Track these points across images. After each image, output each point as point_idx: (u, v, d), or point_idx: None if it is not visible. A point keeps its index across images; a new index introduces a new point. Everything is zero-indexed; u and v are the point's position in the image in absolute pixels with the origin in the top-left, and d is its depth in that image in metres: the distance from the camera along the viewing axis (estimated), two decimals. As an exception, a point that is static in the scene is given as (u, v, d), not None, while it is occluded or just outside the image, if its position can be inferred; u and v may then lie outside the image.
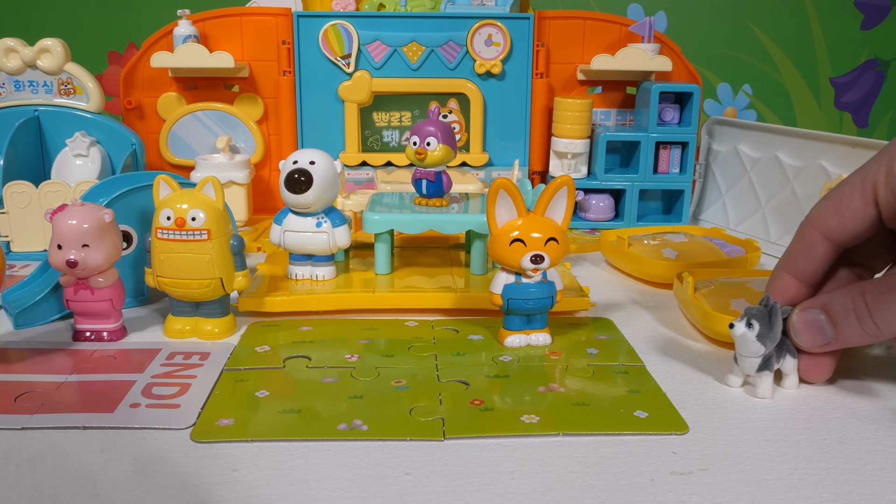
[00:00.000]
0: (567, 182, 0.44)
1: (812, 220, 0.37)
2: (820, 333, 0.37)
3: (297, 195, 0.51)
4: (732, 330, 0.39)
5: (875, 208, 0.36)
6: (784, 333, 0.40)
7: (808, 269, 0.38)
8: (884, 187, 0.35)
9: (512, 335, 0.46)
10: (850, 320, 0.36)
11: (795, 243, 0.38)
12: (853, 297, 0.36)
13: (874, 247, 0.39)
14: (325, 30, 0.74)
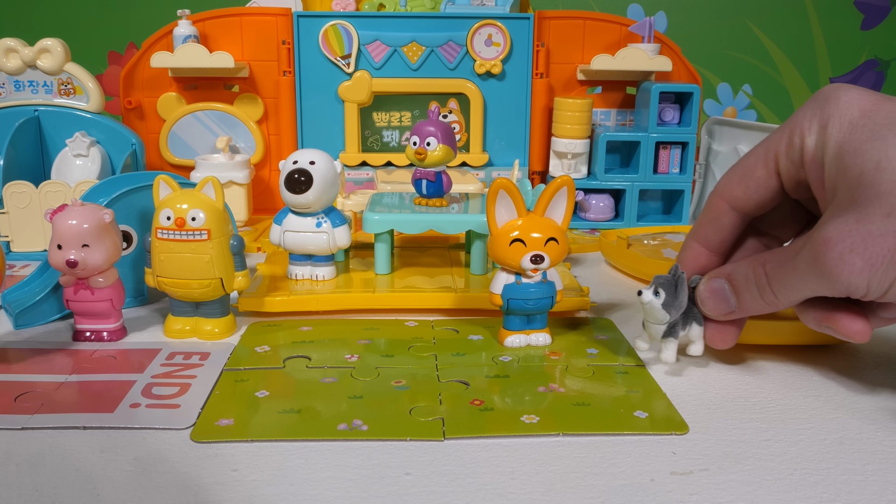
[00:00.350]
0: (567, 182, 0.44)
1: (719, 191, 0.39)
2: (724, 302, 0.39)
3: (297, 195, 0.51)
4: (640, 297, 0.41)
5: (777, 179, 0.37)
6: (692, 301, 0.41)
7: (716, 239, 0.40)
8: (784, 158, 0.36)
9: (512, 335, 0.46)
10: (752, 290, 0.37)
11: (704, 213, 0.40)
12: (754, 267, 0.37)
13: (780, 217, 0.40)
14: (325, 30, 0.74)
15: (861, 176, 0.32)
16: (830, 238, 0.33)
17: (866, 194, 0.32)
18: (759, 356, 0.46)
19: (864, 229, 0.32)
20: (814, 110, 0.35)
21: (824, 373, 0.43)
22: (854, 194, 0.33)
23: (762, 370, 0.44)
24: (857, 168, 0.32)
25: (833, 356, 0.46)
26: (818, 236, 0.33)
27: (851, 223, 0.32)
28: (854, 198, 0.32)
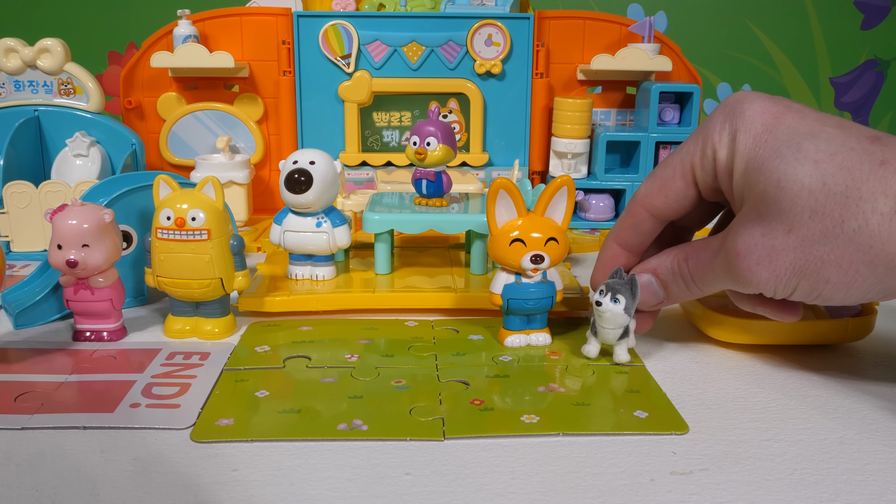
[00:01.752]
0: (567, 182, 0.44)
1: (640, 200, 0.41)
2: (653, 295, 0.41)
3: (297, 195, 0.51)
4: (600, 307, 0.42)
5: (695, 188, 0.39)
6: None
7: (635, 241, 0.42)
8: (700, 169, 0.38)
9: (512, 335, 0.46)
10: (678, 283, 0.40)
11: (625, 218, 0.42)
12: (678, 262, 0.40)
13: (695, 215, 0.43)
14: (325, 30, 0.74)
15: (764, 193, 0.34)
16: (740, 251, 0.35)
17: (769, 210, 0.34)
18: (758, 356, 0.46)
19: (769, 244, 0.34)
20: (723, 121, 0.37)
21: (824, 373, 0.43)
22: (759, 209, 0.35)
23: (762, 370, 0.44)
24: (761, 185, 0.34)
25: (833, 356, 0.46)
26: (730, 246, 0.36)
27: (757, 237, 0.35)
28: (759, 212, 0.34)
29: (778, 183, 0.33)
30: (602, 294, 0.42)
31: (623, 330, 0.43)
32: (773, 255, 0.34)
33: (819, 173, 0.33)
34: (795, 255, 0.34)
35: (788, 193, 0.33)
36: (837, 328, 0.46)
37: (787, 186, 0.33)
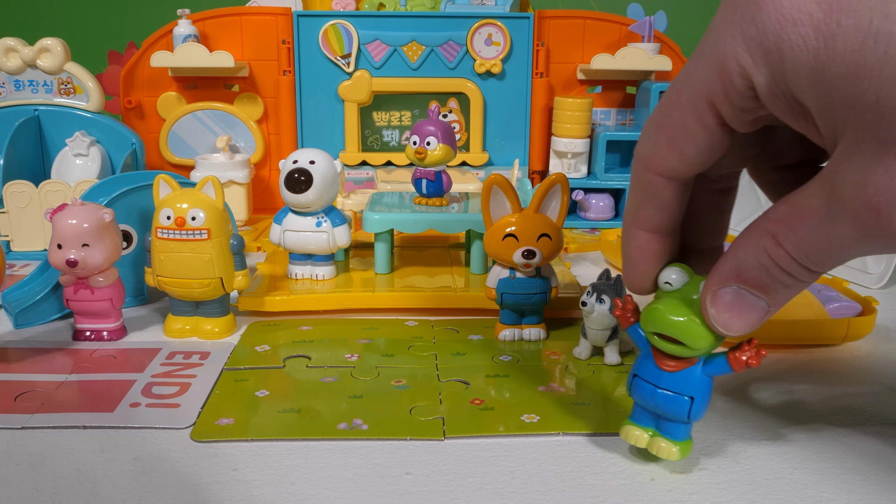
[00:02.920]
0: (560, 179, 0.44)
1: (646, 164, 0.29)
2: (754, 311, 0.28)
3: (297, 195, 0.51)
4: (585, 308, 0.42)
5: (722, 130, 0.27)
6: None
7: (662, 219, 0.30)
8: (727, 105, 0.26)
9: (506, 329, 0.47)
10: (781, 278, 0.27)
11: (637, 192, 0.30)
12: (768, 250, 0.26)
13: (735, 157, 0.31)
14: (325, 29, 0.74)
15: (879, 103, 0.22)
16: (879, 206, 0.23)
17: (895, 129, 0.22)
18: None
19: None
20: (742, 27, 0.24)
21: (825, 373, 0.43)
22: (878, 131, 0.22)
23: (762, 370, 0.44)
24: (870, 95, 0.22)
25: (833, 356, 0.46)
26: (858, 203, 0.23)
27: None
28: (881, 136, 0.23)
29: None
30: (588, 295, 0.42)
31: (611, 331, 0.43)
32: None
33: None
34: None
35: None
36: (837, 328, 0.46)
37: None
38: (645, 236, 0.30)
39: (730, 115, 0.26)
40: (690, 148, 0.27)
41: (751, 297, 0.28)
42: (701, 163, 0.28)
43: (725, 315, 0.28)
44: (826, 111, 0.23)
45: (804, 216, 0.25)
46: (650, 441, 0.33)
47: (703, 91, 0.26)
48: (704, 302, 0.29)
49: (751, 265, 0.27)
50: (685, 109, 0.27)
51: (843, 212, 0.24)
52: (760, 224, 0.27)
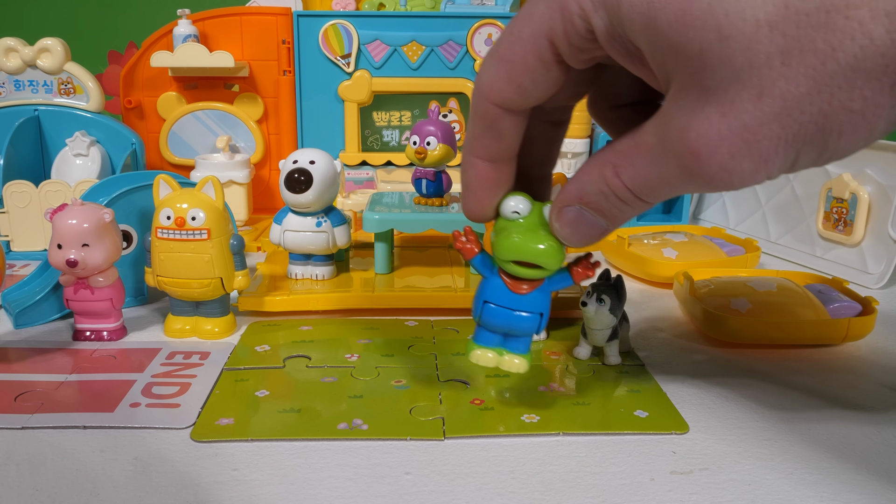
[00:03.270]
0: (560, 179, 0.44)
1: (485, 94, 0.29)
2: (593, 229, 0.30)
3: (297, 195, 0.51)
4: (585, 308, 0.42)
5: (560, 66, 0.28)
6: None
7: (500, 148, 0.31)
8: (565, 44, 0.27)
9: None
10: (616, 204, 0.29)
11: (475, 122, 0.31)
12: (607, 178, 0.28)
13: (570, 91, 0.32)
14: (325, 29, 0.74)
15: (702, 53, 0.23)
16: (699, 149, 0.24)
17: (719, 76, 0.23)
18: (759, 356, 0.46)
19: (737, 124, 0.23)
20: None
21: (824, 373, 0.43)
22: (702, 78, 0.23)
23: (762, 370, 0.44)
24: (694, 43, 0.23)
25: (833, 356, 0.46)
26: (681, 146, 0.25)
27: (716, 120, 0.24)
28: (704, 83, 0.23)
29: (720, 32, 0.22)
30: (588, 295, 0.42)
31: (611, 331, 0.43)
32: (751, 137, 0.23)
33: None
34: (782, 124, 0.23)
35: (740, 42, 0.22)
36: (837, 328, 0.46)
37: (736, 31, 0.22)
38: (483, 165, 0.32)
39: (568, 53, 0.27)
40: (528, 82, 0.28)
41: (590, 216, 0.30)
42: (538, 96, 0.29)
43: (567, 230, 0.31)
44: (658, 56, 0.24)
45: (640, 152, 0.27)
46: (500, 359, 0.36)
47: (543, 28, 0.27)
48: (551, 218, 0.31)
49: (592, 190, 0.29)
50: (525, 44, 0.27)
51: (670, 153, 0.25)
52: (604, 154, 0.28)
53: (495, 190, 0.32)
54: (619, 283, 0.43)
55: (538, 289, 0.34)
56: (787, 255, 0.68)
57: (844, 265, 0.62)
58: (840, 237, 0.62)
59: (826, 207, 0.64)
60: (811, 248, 0.66)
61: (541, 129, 0.33)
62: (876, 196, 0.60)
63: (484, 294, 0.35)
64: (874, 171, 0.60)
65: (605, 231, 0.30)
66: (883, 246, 0.59)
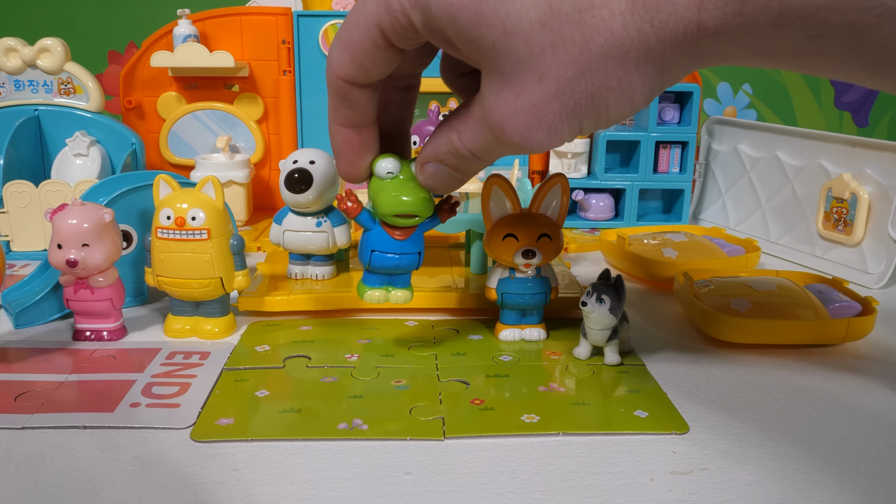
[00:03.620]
0: (560, 180, 0.44)
1: (335, 71, 0.34)
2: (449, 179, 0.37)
3: (296, 195, 0.51)
4: (585, 308, 0.42)
5: (393, 49, 0.33)
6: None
7: (357, 115, 0.36)
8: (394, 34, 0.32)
9: (506, 329, 0.47)
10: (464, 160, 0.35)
11: (332, 95, 0.36)
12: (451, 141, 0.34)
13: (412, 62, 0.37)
14: (325, 29, 0.74)
15: (495, 46, 0.28)
16: (503, 124, 0.30)
17: (509, 64, 0.28)
18: (759, 356, 0.46)
19: (527, 103, 0.29)
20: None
21: (824, 373, 0.43)
22: (497, 66, 0.29)
23: (762, 370, 0.44)
24: (488, 38, 0.28)
25: (833, 356, 0.46)
26: (491, 121, 0.31)
27: (511, 100, 0.29)
28: (500, 70, 0.29)
29: (504, 29, 0.28)
30: (588, 295, 0.42)
31: (611, 331, 0.43)
32: (539, 112, 0.29)
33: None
34: (561, 102, 0.28)
35: (520, 37, 0.27)
36: (837, 328, 0.46)
37: (516, 29, 0.27)
38: (345, 131, 0.37)
39: (397, 40, 0.32)
40: (368, 62, 0.33)
41: (445, 169, 0.36)
42: (378, 73, 0.34)
43: (430, 181, 0.37)
44: (465, 47, 0.30)
45: (471, 121, 0.33)
46: (387, 295, 0.43)
47: (374, 20, 0.31)
48: (417, 172, 0.37)
49: (442, 150, 0.35)
50: (362, 32, 0.32)
51: (487, 123, 0.31)
52: (451, 120, 0.34)
53: (362, 151, 0.38)
54: (619, 283, 0.43)
55: (414, 233, 0.41)
56: (787, 255, 0.68)
57: (844, 265, 0.62)
58: (840, 237, 0.62)
59: (826, 207, 0.64)
60: (811, 248, 0.66)
61: (394, 94, 0.39)
62: (876, 196, 0.60)
63: (371, 244, 0.41)
64: (874, 171, 0.60)
65: (461, 180, 0.37)
66: (883, 246, 0.59)
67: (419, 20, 0.30)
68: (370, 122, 0.37)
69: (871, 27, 0.22)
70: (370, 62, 0.33)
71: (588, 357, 0.44)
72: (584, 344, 0.44)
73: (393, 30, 0.31)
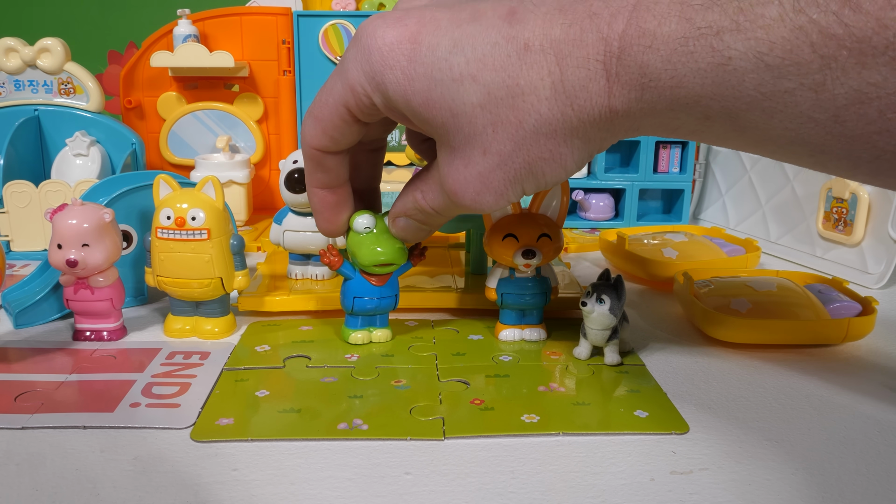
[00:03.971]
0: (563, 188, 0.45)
1: (308, 141, 0.39)
2: (418, 231, 0.41)
3: (297, 194, 0.51)
4: (585, 308, 0.42)
5: (359, 123, 0.37)
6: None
7: (330, 179, 0.41)
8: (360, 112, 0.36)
9: (506, 329, 0.47)
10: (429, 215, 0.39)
11: (308, 162, 0.40)
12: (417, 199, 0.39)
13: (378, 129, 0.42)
14: (325, 29, 0.74)
15: (444, 125, 0.33)
16: (456, 190, 0.34)
17: (458, 140, 0.33)
18: (759, 356, 0.46)
19: (475, 172, 0.33)
20: (361, 64, 0.34)
21: (825, 373, 0.43)
22: (448, 141, 0.33)
23: (762, 370, 0.44)
24: (439, 119, 0.33)
25: (833, 356, 0.46)
26: (446, 187, 0.35)
27: (462, 170, 0.34)
28: (451, 144, 0.33)
29: (451, 111, 0.32)
30: (588, 295, 0.42)
31: (611, 331, 0.43)
32: (486, 180, 0.33)
33: (481, 86, 0.31)
34: (503, 171, 0.33)
35: (464, 118, 0.32)
36: (837, 328, 0.46)
37: (460, 112, 0.32)
38: (321, 192, 0.41)
39: (361, 116, 0.36)
40: (337, 134, 0.37)
41: (413, 223, 0.41)
42: (347, 143, 0.38)
43: (402, 234, 0.42)
44: (420, 125, 0.34)
45: (431, 183, 0.37)
46: (369, 335, 0.46)
47: (340, 100, 0.36)
48: (390, 225, 0.42)
49: (410, 207, 0.40)
50: (331, 109, 0.36)
51: (443, 189, 0.36)
52: (416, 181, 0.39)
53: (338, 209, 0.42)
54: (619, 283, 0.43)
55: (391, 279, 0.46)
56: (787, 255, 0.68)
57: (844, 265, 0.62)
58: (840, 237, 0.62)
59: (826, 207, 0.64)
60: (811, 248, 0.66)
61: (364, 156, 0.43)
62: (876, 196, 0.60)
63: (352, 292, 0.45)
64: (874, 171, 0.60)
65: (428, 231, 0.42)
66: (883, 246, 0.59)
67: (379, 101, 0.34)
68: (343, 183, 0.41)
69: (743, 112, 0.27)
70: (339, 134, 0.37)
71: (588, 357, 0.44)
72: (584, 344, 0.44)
73: (357, 108, 0.35)
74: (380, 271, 0.45)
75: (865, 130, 0.25)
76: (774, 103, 0.26)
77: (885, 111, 0.24)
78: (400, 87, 0.33)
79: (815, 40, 0.24)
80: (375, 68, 0.33)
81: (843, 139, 0.26)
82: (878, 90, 0.24)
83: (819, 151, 0.27)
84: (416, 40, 0.32)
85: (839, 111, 0.25)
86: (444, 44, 0.32)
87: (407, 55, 0.32)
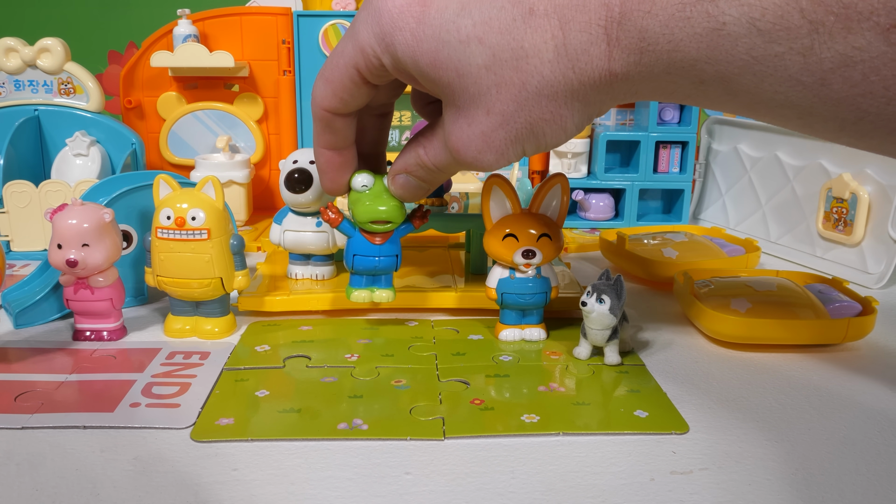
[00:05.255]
0: (560, 180, 0.44)
1: (318, 102, 0.40)
2: (416, 189, 0.42)
3: (297, 194, 0.51)
4: (585, 308, 0.42)
5: (369, 85, 0.38)
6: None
7: (337, 140, 0.42)
8: (368, 72, 0.37)
9: (506, 329, 0.47)
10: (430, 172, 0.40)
11: (316, 123, 0.41)
12: (419, 155, 0.40)
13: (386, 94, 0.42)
14: (325, 29, 0.74)
15: (450, 85, 0.34)
16: (458, 147, 0.36)
17: (462, 100, 0.34)
18: (759, 356, 0.46)
19: (478, 131, 0.35)
20: (372, 26, 0.35)
21: (825, 373, 0.43)
22: (454, 100, 0.35)
23: (762, 370, 0.44)
24: (445, 79, 0.34)
25: (833, 356, 0.46)
26: (449, 144, 0.36)
27: (465, 128, 0.35)
28: (456, 104, 0.35)
29: (457, 72, 0.33)
30: (588, 295, 0.42)
31: (611, 331, 0.43)
32: (488, 139, 0.35)
33: (486, 48, 0.32)
34: (505, 131, 0.34)
35: (470, 79, 0.33)
36: (837, 328, 0.46)
37: (466, 72, 0.33)
38: (328, 153, 0.43)
39: (371, 78, 0.37)
40: (347, 96, 0.38)
41: (413, 181, 0.42)
42: (356, 104, 0.39)
43: (400, 191, 0.43)
44: (427, 85, 0.35)
45: (435, 141, 0.38)
46: (371, 295, 0.47)
47: (350, 62, 0.37)
48: (389, 183, 0.43)
49: (411, 163, 0.41)
50: (341, 71, 0.37)
51: (446, 146, 0.37)
52: (419, 138, 0.40)
53: (343, 170, 0.43)
54: (619, 283, 0.43)
55: (391, 238, 0.46)
56: (787, 255, 0.68)
57: (844, 265, 0.62)
58: (840, 237, 0.62)
59: (826, 207, 0.64)
60: (811, 248, 0.66)
61: (371, 121, 0.44)
62: (876, 196, 0.60)
63: (353, 250, 0.46)
64: (874, 171, 0.60)
65: (426, 190, 0.42)
66: (883, 246, 0.59)
67: (388, 62, 0.35)
68: (349, 145, 0.43)
69: (735, 76, 0.27)
70: (349, 96, 0.38)
71: (588, 357, 0.44)
72: (584, 344, 0.44)
73: (367, 69, 0.36)
74: (377, 228, 0.45)
75: (850, 93, 0.26)
76: (765, 67, 0.27)
77: (869, 74, 0.25)
78: (409, 48, 0.34)
79: (804, 6, 0.25)
80: (385, 30, 0.34)
81: (829, 101, 0.26)
82: (862, 54, 0.24)
83: (807, 114, 0.28)
84: (425, 3, 0.33)
85: (825, 74, 0.25)
86: (452, 7, 0.32)
87: (416, 17, 0.33)
